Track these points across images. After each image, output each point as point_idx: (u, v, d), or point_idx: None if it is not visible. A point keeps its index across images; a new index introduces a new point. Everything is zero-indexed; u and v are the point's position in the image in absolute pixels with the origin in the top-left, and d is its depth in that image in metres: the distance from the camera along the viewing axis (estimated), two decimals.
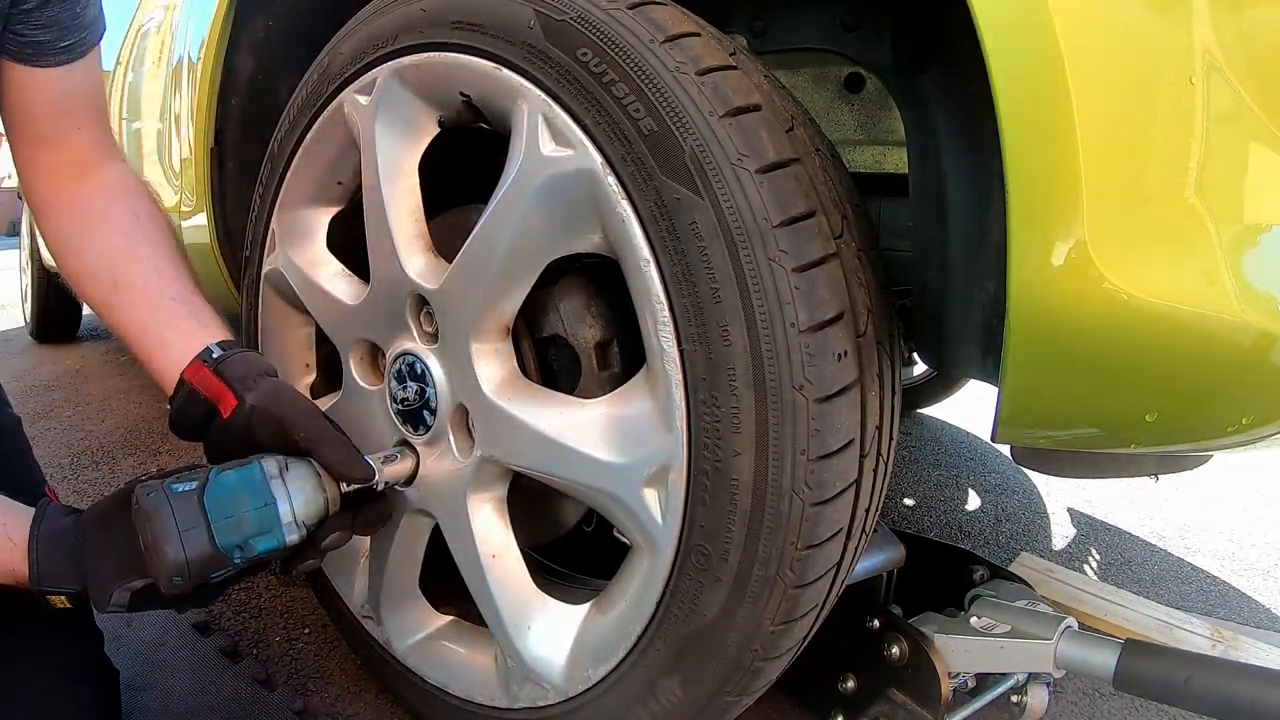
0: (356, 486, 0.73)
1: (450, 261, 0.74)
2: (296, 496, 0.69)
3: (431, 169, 0.82)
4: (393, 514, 0.82)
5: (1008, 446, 0.70)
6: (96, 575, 0.67)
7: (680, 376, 0.61)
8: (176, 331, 0.80)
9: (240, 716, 0.95)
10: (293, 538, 0.69)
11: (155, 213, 0.88)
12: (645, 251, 0.61)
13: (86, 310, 3.38)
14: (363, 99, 0.81)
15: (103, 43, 0.86)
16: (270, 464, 0.69)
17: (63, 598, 0.68)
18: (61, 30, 0.78)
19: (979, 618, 0.85)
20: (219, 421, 0.77)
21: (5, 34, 0.76)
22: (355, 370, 0.89)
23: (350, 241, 0.90)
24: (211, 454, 0.79)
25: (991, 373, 0.60)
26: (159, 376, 0.81)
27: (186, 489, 0.66)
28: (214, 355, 0.78)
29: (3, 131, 0.88)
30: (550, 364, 0.79)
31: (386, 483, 0.76)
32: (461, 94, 0.74)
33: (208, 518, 0.65)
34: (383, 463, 0.77)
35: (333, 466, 0.71)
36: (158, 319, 0.81)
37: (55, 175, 0.85)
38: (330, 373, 1.02)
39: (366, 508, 0.76)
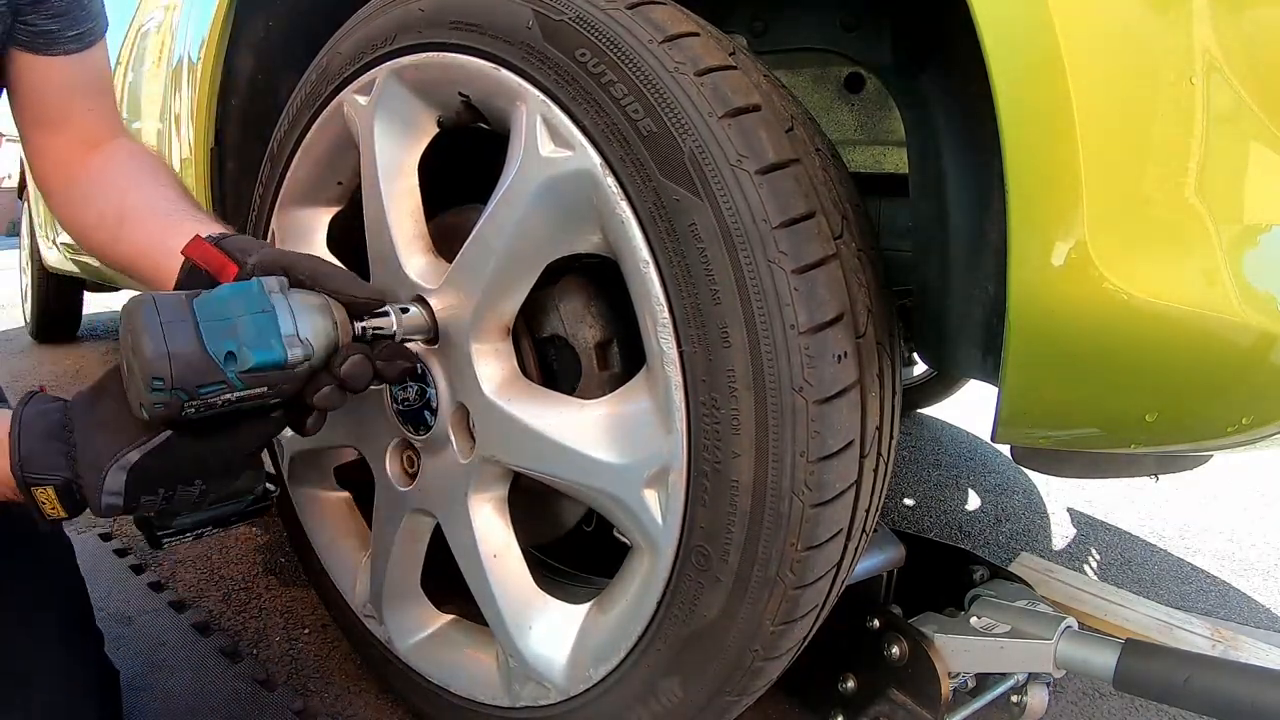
0: (373, 329, 0.65)
1: (450, 262, 0.74)
2: (300, 310, 0.60)
3: (431, 169, 0.82)
4: (414, 364, 0.74)
5: (1008, 446, 0.70)
6: (86, 452, 0.58)
7: (680, 378, 0.61)
8: (181, 235, 0.75)
9: (240, 716, 0.95)
10: (295, 353, 0.58)
11: (158, 163, 0.89)
12: (645, 253, 0.61)
13: (87, 310, 3.38)
14: (362, 99, 0.81)
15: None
16: (270, 280, 0.61)
17: (51, 493, 0.59)
18: (71, 20, 0.80)
19: (979, 618, 0.85)
20: None
21: (16, 24, 0.78)
22: None
23: (350, 241, 0.90)
24: None
25: (991, 373, 0.60)
26: (166, 278, 0.77)
27: (175, 295, 0.58)
28: (214, 236, 0.74)
29: (3, 132, 0.89)
30: (550, 364, 0.79)
31: (403, 332, 0.69)
32: (460, 94, 0.74)
33: (196, 314, 0.56)
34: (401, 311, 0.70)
35: (341, 291, 0.64)
36: (165, 232, 0.79)
37: (67, 154, 0.87)
38: None
39: (389, 347, 0.68)
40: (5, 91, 0.84)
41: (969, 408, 2.39)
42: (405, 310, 0.71)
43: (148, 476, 0.59)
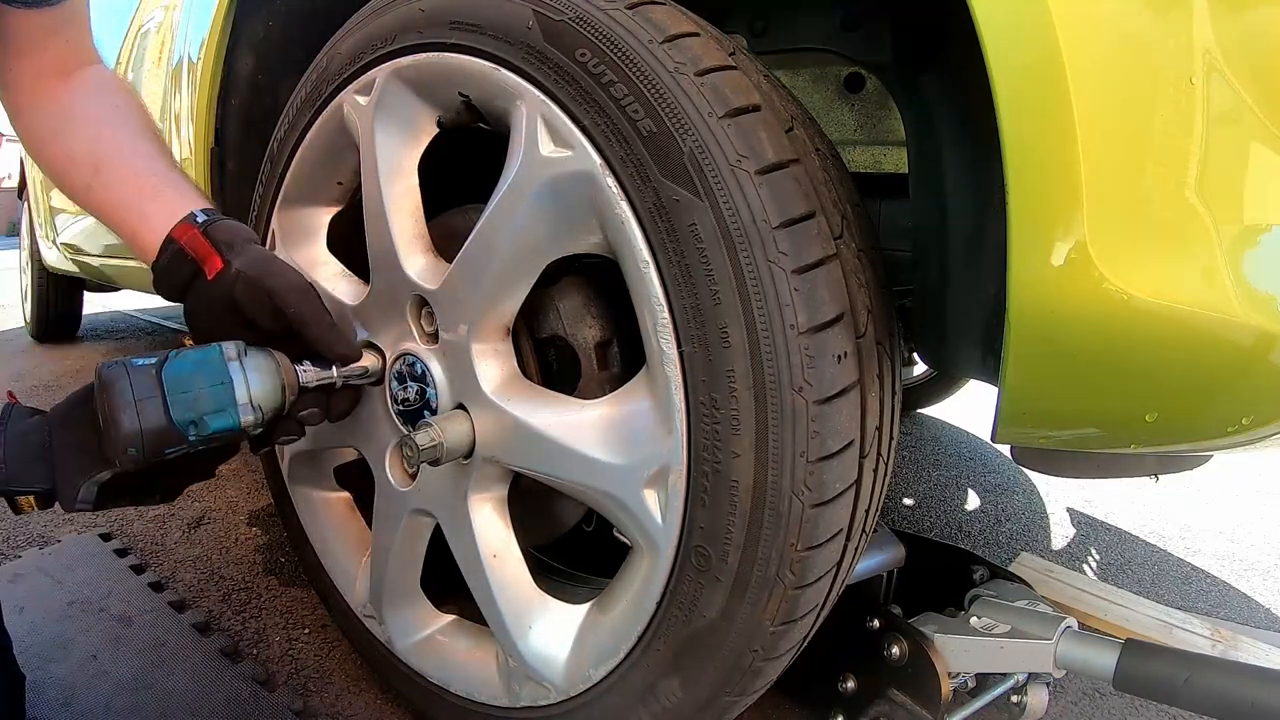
0: (320, 382, 0.75)
1: (450, 262, 0.74)
2: (253, 377, 0.70)
3: (431, 169, 0.82)
4: (357, 400, 0.84)
5: (1008, 446, 0.70)
6: (64, 470, 0.67)
7: (680, 378, 0.61)
8: (160, 202, 0.79)
9: (240, 716, 0.95)
10: (248, 418, 0.69)
11: (136, 105, 0.88)
12: (644, 253, 0.61)
13: (87, 310, 3.38)
14: (362, 99, 0.81)
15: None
16: (229, 347, 0.71)
17: (30, 498, 0.67)
18: None
19: (979, 618, 0.85)
20: (201, 282, 0.76)
21: None
22: None
23: (350, 241, 0.90)
24: (192, 317, 0.79)
25: (991, 373, 0.60)
26: (143, 248, 0.80)
27: (146, 363, 0.67)
28: (199, 219, 0.77)
29: (3, 132, 0.87)
30: (550, 364, 0.79)
31: (343, 381, 0.78)
32: (460, 94, 0.74)
33: (164, 390, 0.66)
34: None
35: (319, 344, 0.74)
36: (141, 194, 0.80)
37: (37, 79, 0.85)
38: None
39: (339, 395, 0.79)
40: None
41: (969, 408, 2.39)
42: (357, 368, 0.79)
43: (116, 492, 0.69)
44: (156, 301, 4.57)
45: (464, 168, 0.87)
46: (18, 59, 0.84)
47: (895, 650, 0.82)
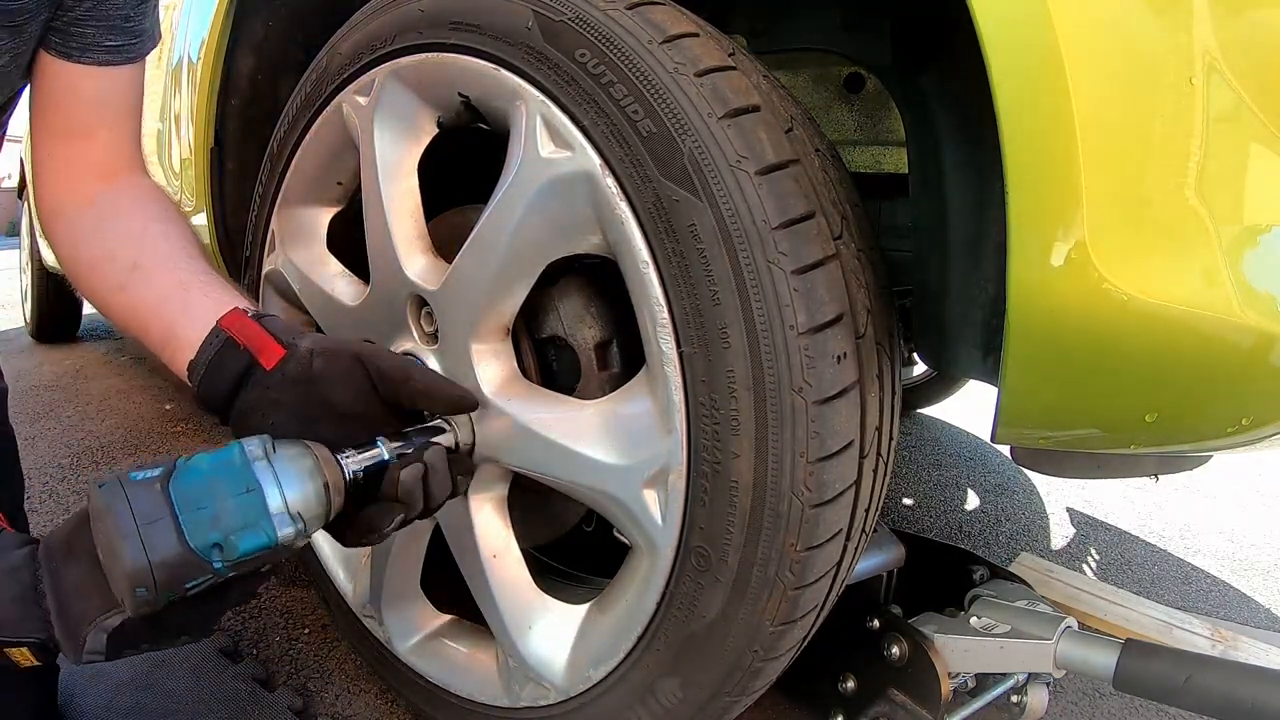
0: (368, 465, 0.62)
1: (450, 262, 0.74)
2: (288, 479, 0.55)
3: (431, 169, 0.82)
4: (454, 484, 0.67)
5: (1008, 446, 0.70)
6: (64, 617, 0.54)
7: (679, 378, 0.61)
8: (207, 297, 0.71)
9: (240, 716, 0.95)
10: (286, 531, 0.54)
11: (181, 215, 0.83)
12: (644, 253, 0.61)
13: (87, 310, 3.38)
14: (361, 99, 0.81)
15: None
16: (253, 444, 0.56)
17: (26, 651, 0.55)
18: (109, 29, 0.74)
19: (979, 618, 0.85)
20: (258, 375, 0.65)
21: (51, 28, 0.72)
22: None
23: (350, 241, 0.90)
24: (243, 419, 0.67)
25: (991, 373, 0.60)
26: (179, 345, 0.70)
27: (148, 476, 0.53)
28: (256, 312, 0.70)
29: (11, 134, 0.86)
30: (550, 365, 0.79)
31: (420, 448, 0.65)
32: (460, 95, 0.74)
33: (175, 508, 0.52)
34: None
35: (430, 391, 0.66)
36: (187, 288, 0.72)
37: (78, 170, 0.78)
38: None
39: (433, 480, 0.64)
40: (30, 97, 0.77)
41: (969, 408, 2.39)
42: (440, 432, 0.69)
43: (129, 638, 0.56)
44: None
45: (464, 168, 0.87)
46: (61, 141, 0.77)
47: (895, 650, 0.82)
